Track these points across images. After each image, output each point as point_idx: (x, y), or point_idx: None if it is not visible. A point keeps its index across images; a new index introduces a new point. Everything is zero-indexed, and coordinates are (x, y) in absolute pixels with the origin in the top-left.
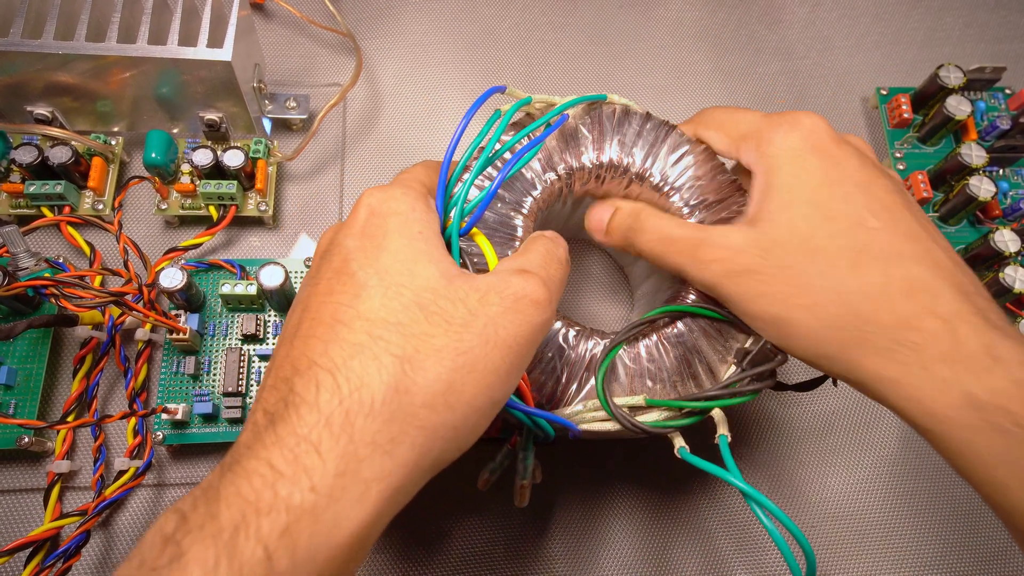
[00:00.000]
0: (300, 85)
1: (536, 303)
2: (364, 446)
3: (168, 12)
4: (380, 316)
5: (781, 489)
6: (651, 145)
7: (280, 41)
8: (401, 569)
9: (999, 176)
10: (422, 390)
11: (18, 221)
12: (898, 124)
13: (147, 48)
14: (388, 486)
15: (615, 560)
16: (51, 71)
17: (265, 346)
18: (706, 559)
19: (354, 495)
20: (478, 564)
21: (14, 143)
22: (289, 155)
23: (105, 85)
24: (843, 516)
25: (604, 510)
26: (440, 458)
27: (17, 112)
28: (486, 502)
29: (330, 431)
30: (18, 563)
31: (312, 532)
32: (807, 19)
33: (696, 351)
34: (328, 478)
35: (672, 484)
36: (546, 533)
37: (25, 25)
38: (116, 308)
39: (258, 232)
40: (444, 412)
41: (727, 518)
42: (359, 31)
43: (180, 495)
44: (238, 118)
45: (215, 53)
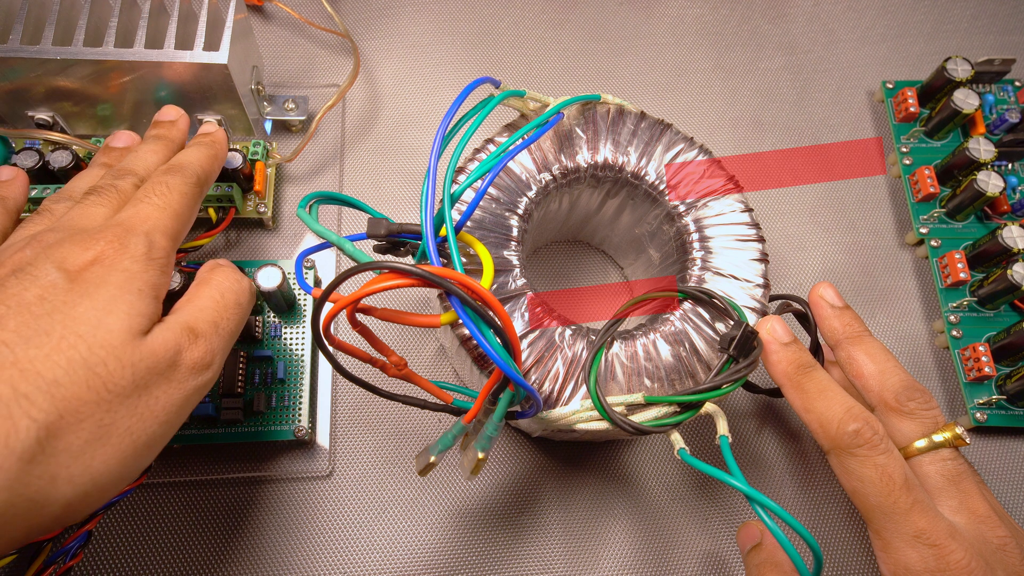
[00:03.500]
0: (298, 86)
1: (195, 369)
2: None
3: (165, 16)
4: (36, 369)
5: (782, 487)
6: (646, 144)
7: (278, 42)
8: (401, 569)
9: (1008, 171)
10: (49, 460)
11: None
12: (904, 118)
13: (144, 52)
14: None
15: (615, 560)
16: (51, 76)
17: (263, 348)
18: (706, 559)
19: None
20: (478, 564)
21: (16, 148)
22: (288, 156)
23: (105, 89)
24: (853, 513)
25: (604, 510)
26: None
27: (18, 117)
28: (486, 502)
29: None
30: (20, 564)
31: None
32: (811, 13)
33: (693, 350)
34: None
35: (672, 483)
36: (546, 533)
37: (24, 31)
38: None
39: (257, 234)
40: (64, 487)
41: (728, 517)
42: (357, 32)
43: (180, 495)
44: (237, 120)
45: (211, 56)
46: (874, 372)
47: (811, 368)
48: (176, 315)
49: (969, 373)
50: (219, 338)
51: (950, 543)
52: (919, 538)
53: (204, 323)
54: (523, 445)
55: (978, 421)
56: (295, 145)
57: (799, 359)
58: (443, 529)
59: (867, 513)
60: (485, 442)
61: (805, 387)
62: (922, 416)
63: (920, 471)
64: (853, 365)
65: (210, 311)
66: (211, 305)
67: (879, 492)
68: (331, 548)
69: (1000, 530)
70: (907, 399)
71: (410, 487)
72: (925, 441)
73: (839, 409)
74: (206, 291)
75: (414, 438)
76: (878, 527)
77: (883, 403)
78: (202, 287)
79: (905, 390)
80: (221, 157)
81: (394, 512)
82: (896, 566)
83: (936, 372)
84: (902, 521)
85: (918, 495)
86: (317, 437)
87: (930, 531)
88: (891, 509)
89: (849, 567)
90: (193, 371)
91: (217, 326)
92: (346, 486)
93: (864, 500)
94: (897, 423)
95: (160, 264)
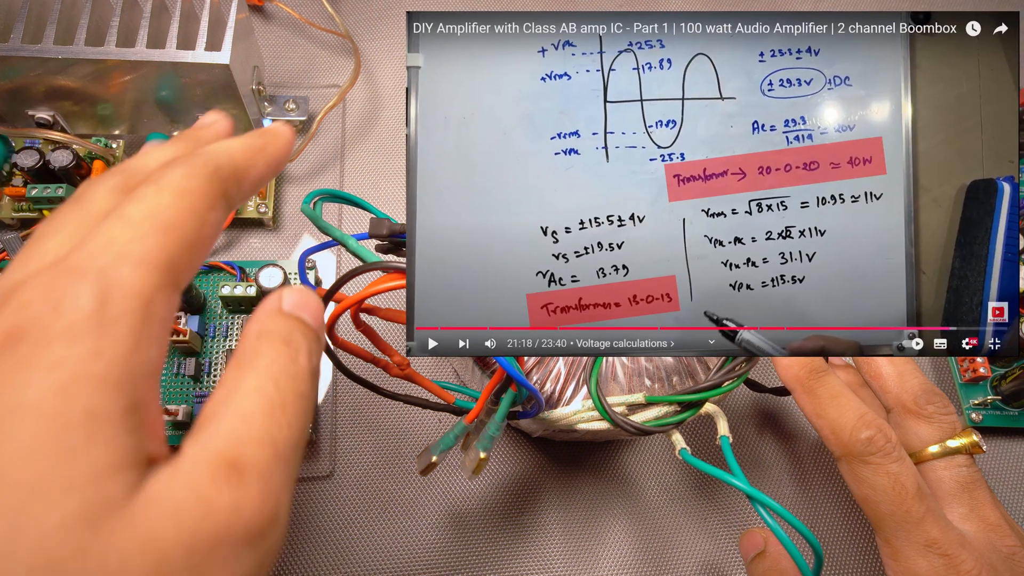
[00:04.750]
0: (299, 87)
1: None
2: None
3: (167, 15)
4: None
5: (781, 486)
6: None
7: (279, 43)
8: (401, 569)
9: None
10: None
11: (20, 224)
12: None
13: (146, 52)
14: None
15: (614, 560)
16: (51, 75)
17: None
18: (706, 559)
19: None
20: (478, 564)
21: (16, 147)
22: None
23: (105, 89)
24: (853, 511)
25: (603, 510)
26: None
27: (19, 116)
28: (486, 502)
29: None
30: None
31: None
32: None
33: None
34: None
35: (672, 483)
36: (546, 533)
37: (25, 30)
38: None
39: (258, 234)
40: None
41: (727, 517)
42: (358, 32)
43: None
44: (238, 120)
45: (213, 56)
46: (892, 374)
47: (823, 372)
48: (200, 441)
49: (965, 374)
50: (281, 468)
51: (961, 552)
52: (930, 548)
53: (253, 446)
54: (523, 445)
55: (973, 421)
56: (296, 145)
57: (811, 363)
58: (443, 529)
59: (877, 521)
60: (487, 442)
61: (817, 392)
62: (940, 420)
63: (933, 476)
64: (871, 365)
65: (261, 420)
66: (262, 409)
67: (891, 501)
68: (331, 548)
69: (1010, 539)
70: (926, 402)
71: (410, 487)
72: (940, 446)
73: (852, 415)
74: (252, 381)
75: (415, 438)
76: (888, 535)
77: (901, 405)
78: (245, 374)
79: (924, 393)
80: (273, 153)
81: (394, 512)
82: (905, 575)
83: (932, 373)
84: (913, 530)
85: (930, 504)
86: (318, 437)
87: (942, 541)
88: (903, 518)
89: (848, 565)
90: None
91: (276, 446)
92: (347, 486)
93: (875, 508)
94: (914, 426)
95: (128, 325)
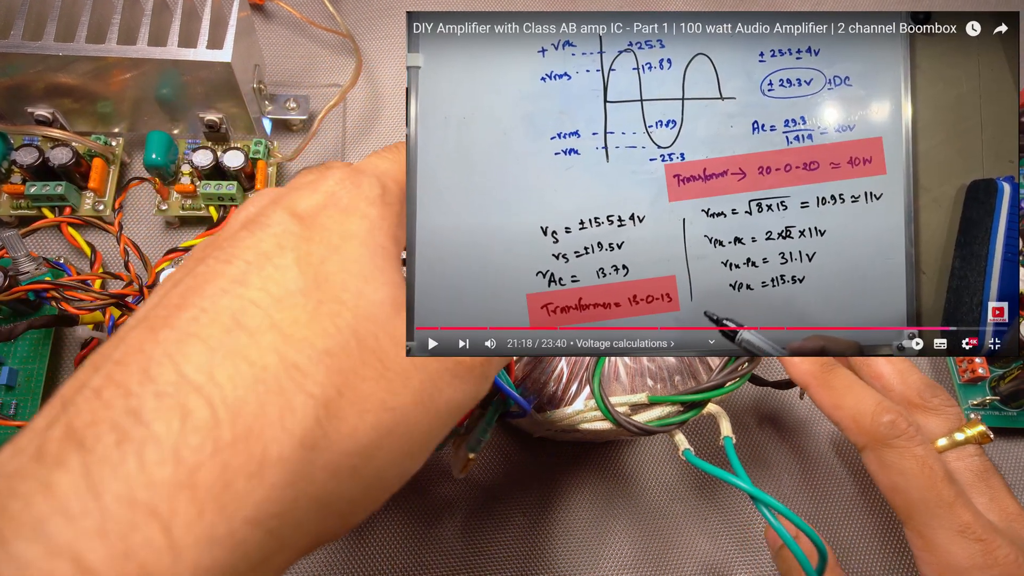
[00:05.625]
0: (300, 86)
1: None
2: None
3: (168, 13)
4: (303, 335)
5: (781, 484)
6: None
7: (280, 42)
8: (402, 567)
9: None
10: (331, 447)
11: (19, 222)
12: None
13: (147, 49)
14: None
15: (615, 560)
16: (52, 73)
17: None
18: (707, 559)
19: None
20: (478, 564)
21: (15, 144)
22: (289, 156)
23: (106, 86)
24: (855, 511)
25: (604, 510)
26: (319, 540)
27: (18, 113)
28: (486, 502)
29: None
30: None
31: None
32: None
33: None
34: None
35: (672, 484)
36: (546, 533)
37: (26, 27)
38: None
39: None
40: (347, 481)
41: (728, 517)
42: (359, 32)
43: None
44: (238, 119)
45: (215, 54)
46: (893, 372)
47: (835, 365)
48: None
49: (963, 375)
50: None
51: (996, 538)
52: (964, 533)
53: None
54: (523, 445)
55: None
56: (296, 144)
57: (820, 358)
58: (443, 528)
59: (907, 510)
60: (475, 444)
61: (833, 384)
62: (947, 412)
63: (947, 468)
64: (871, 367)
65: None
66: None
67: (922, 485)
68: (331, 547)
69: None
70: (931, 395)
71: (409, 487)
72: (949, 438)
73: (871, 402)
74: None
75: None
76: (920, 525)
77: (906, 401)
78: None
79: (927, 387)
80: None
81: (394, 511)
82: (941, 566)
83: (931, 373)
84: (946, 515)
85: (958, 488)
86: None
87: (975, 525)
88: (935, 502)
89: (849, 563)
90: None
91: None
92: None
93: (905, 496)
94: (922, 420)
95: (396, 212)
